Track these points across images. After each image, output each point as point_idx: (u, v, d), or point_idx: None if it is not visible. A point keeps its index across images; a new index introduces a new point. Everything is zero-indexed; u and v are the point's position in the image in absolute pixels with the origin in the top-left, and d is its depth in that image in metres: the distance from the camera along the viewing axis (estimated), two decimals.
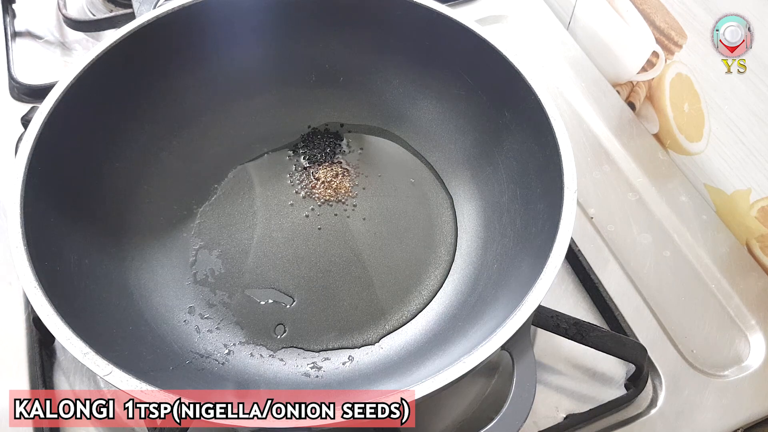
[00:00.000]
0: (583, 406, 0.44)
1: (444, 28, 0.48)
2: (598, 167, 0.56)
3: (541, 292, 0.35)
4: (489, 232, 0.48)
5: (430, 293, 0.47)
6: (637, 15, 0.58)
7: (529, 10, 0.67)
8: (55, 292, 0.35)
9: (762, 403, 0.45)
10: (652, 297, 0.49)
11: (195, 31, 0.49)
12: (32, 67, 0.60)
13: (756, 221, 0.51)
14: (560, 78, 0.62)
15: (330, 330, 0.45)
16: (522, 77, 0.44)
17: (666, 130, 0.58)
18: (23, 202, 0.37)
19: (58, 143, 0.41)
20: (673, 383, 0.45)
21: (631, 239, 0.52)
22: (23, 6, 0.65)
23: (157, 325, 0.43)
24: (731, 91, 0.50)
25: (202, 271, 0.47)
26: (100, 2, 0.67)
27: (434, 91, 0.52)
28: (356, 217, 0.51)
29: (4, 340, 0.45)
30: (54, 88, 0.42)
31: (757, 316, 0.48)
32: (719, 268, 0.51)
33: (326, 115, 0.55)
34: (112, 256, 0.44)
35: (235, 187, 0.52)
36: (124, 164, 0.48)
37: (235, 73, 0.53)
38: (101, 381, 0.44)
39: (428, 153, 0.54)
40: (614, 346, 0.42)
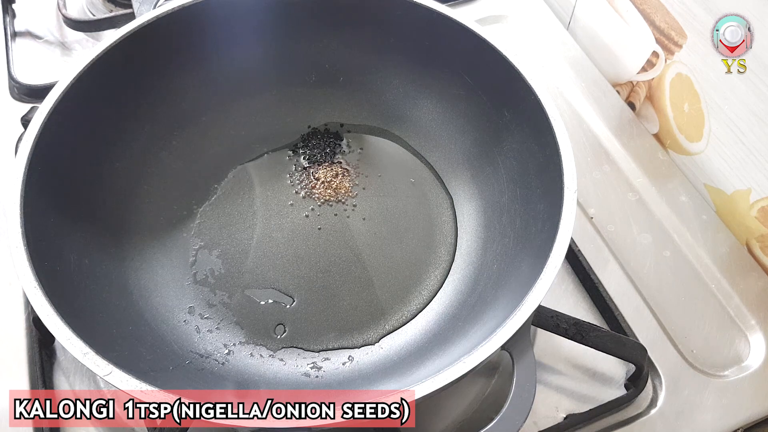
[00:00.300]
0: (583, 406, 0.43)
1: (444, 28, 0.48)
2: (598, 167, 0.56)
3: (541, 292, 0.35)
4: (489, 232, 0.48)
5: (430, 293, 0.47)
6: (637, 15, 0.58)
7: (529, 10, 0.67)
8: (55, 292, 0.35)
9: (762, 403, 0.45)
10: (652, 297, 0.49)
11: (195, 31, 0.49)
12: (32, 67, 0.60)
13: (756, 221, 0.51)
14: (560, 78, 0.62)
15: (330, 330, 0.45)
16: (522, 77, 0.44)
17: (666, 130, 0.58)
18: (23, 202, 0.37)
19: (58, 143, 0.41)
20: (673, 383, 0.45)
21: (631, 239, 0.52)
22: (23, 6, 0.65)
23: (157, 325, 0.43)
24: (731, 91, 0.49)
25: (202, 271, 0.47)
26: (100, 2, 0.66)
27: (434, 91, 0.52)
28: (356, 217, 0.51)
29: (4, 339, 0.45)
30: (54, 88, 0.42)
31: (757, 316, 0.48)
32: (719, 268, 0.51)
33: (326, 115, 0.55)
34: (112, 256, 0.44)
35: (235, 187, 0.52)
36: (124, 164, 0.47)
37: (235, 73, 0.52)
38: (101, 381, 0.44)
39: (428, 153, 0.54)
40: (614, 346, 0.42)
